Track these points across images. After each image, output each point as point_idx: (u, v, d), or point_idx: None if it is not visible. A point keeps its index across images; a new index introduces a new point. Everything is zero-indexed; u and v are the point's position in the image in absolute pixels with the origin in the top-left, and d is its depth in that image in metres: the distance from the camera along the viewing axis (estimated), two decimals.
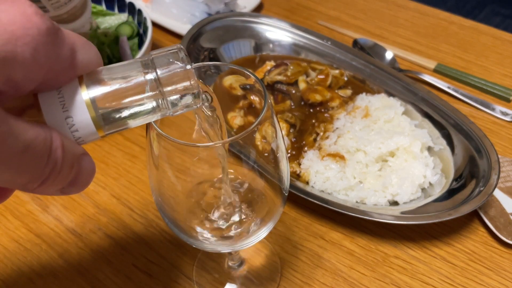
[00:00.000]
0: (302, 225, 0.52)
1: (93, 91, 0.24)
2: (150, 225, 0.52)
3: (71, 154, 0.23)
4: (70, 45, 0.23)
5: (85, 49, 0.24)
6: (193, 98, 0.26)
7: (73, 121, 0.23)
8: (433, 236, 0.51)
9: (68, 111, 0.23)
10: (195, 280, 0.47)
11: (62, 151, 0.23)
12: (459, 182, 0.52)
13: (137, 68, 0.25)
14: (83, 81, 0.24)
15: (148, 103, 0.25)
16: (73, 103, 0.23)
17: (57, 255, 0.50)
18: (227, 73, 0.40)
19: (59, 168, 0.23)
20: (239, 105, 0.55)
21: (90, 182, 0.26)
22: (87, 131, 0.24)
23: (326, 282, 0.47)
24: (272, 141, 0.34)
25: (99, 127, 0.24)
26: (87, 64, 0.24)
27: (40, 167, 0.22)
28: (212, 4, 0.78)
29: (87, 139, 0.25)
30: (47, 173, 0.22)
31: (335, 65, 0.68)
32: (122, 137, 0.62)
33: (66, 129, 0.24)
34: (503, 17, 2.04)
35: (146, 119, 0.26)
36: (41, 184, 0.22)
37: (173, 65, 0.25)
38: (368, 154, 0.54)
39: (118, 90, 0.24)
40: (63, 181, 0.24)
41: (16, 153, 0.20)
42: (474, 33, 0.81)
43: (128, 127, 0.26)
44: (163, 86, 0.25)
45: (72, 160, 0.24)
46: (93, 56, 0.25)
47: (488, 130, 0.63)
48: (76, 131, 0.24)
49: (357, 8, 0.87)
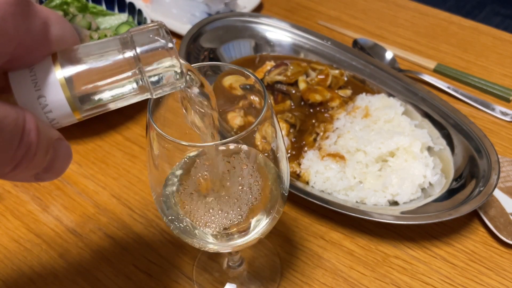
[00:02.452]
0: (302, 225, 0.52)
1: (68, 70, 0.22)
2: (150, 225, 0.52)
3: (46, 138, 0.22)
4: (42, 18, 0.21)
5: (59, 25, 0.22)
6: (176, 78, 0.25)
7: (46, 101, 0.22)
8: (433, 236, 0.51)
9: (41, 90, 0.22)
10: (195, 280, 0.47)
11: (37, 134, 0.21)
12: (459, 182, 0.52)
13: (115, 46, 0.23)
14: (57, 59, 0.22)
15: (127, 83, 0.24)
16: (46, 82, 0.22)
17: (57, 255, 0.50)
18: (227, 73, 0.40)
19: (33, 152, 0.21)
20: (239, 105, 0.55)
21: (66, 168, 0.24)
22: (61, 113, 0.23)
23: (326, 282, 0.47)
24: (272, 141, 0.34)
25: (74, 109, 0.23)
26: (62, 40, 0.22)
27: (11, 150, 0.20)
28: (212, 4, 0.78)
29: (62, 121, 0.23)
30: (19, 157, 0.21)
31: (335, 65, 0.68)
32: (122, 137, 0.62)
33: (38, 109, 0.22)
34: (503, 17, 2.04)
35: (125, 100, 0.24)
36: (13, 169, 0.21)
37: (154, 43, 0.23)
38: (368, 154, 0.54)
39: (94, 69, 0.23)
40: (37, 166, 0.22)
41: None
42: (474, 33, 0.81)
43: (107, 109, 0.24)
44: (143, 65, 0.23)
45: (47, 145, 0.22)
46: (68, 32, 0.23)
47: (488, 130, 0.63)
48: (50, 112, 0.22)
49: (357, 8, 0.87)
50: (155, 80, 0.24)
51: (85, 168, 0.58)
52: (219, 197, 0.34)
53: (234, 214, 0.33)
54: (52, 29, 0.22)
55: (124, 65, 0.23)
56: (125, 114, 0.65)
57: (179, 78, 0.25)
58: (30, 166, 0.21)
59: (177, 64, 0.24)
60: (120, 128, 0.63)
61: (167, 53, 0.24)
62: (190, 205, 0.34)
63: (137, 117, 0.65)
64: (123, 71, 0.23)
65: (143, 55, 0.23)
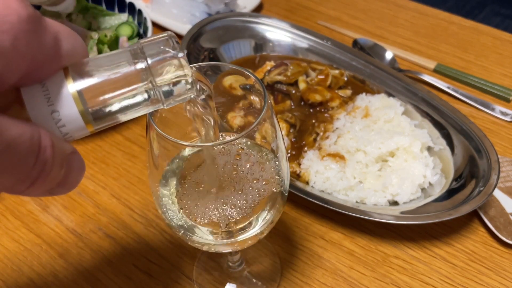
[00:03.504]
0: (302, 225, 0.52)
1: (80, 83, 0.22)
2: (150, 225, 0.52)
3: (61, 153, 0.22)
4: (53, 33, 0.21)
5: (70, 39, 0.22)
6: (187, 88, 0.24)
7: (59, 116, 0.22)
8: (433, 236, 0.51)
9: (54, 105, 0.22)
10: (195, 280, 0.48)
11: (52, 151, 0.21)
12: (459, 182, 0.52)
13: (126, 58, 0.23)
14: (69, 73, 0.22)
15: (139, 94, 0.24)
16: (59, 96, 0.22)
17: (57, 255, 0.50)
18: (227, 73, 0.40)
19: (49, 169, 0.21)
20: (239, 105, 0.55)
21: (80, 181, 0.24)
22: (75, 126, 0.22)
23: (326, 282, 0.47)
24: (272, 141, 0.34)
25: (87, 122, 0.23)
26: (72, 54, 0.22)
27: (28, 168, 0.20)
28: (212, 4, 0.78)
29: (75, 135, 0.23)
30: (36, 175, 0.20)
31: (335, 65, 0.68)
32: (122, 137, 0.62)
33: (52, 124, 0.22)
34: (503, 17, 2.05)
35: (137, 112, 0.24)
36: (30, 186, 0.21)
37: (164, 53, 0.23)
38: (368, 154, 0.54)
39: (106, 82, 0.23)
40: (52, 182, 0.22)
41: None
42: (474, 33, 0.81)
43: (118, 121, 0.24)
44: (154, 76, 0.23)
45: (61, 160, 0.22)
46: (79, 46, 0.23)
47: (488, 130, 0.63)
48: (63, 126, 0.22)
49: (357, 8, 0.87)
50: (166, 90, 0.24)
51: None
52: (219, 196, 0.34)
53: (234, 214, 0.33)
54: (63, 43, 0.22)
55: (136, 77, 0.23)
56: None
57: (190, 88, 0.25)
58: (46, 183, 0.21)
59: (189, 74, 0.24)
60: (120, 128, 0.63)
61: (178, 63, 0.24)
62: (190, 204, 0.34)
63: (137, 117, 0.65)
64: (135, 83, 0.23)
65: (154, 67, 0.23)
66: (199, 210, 0.34)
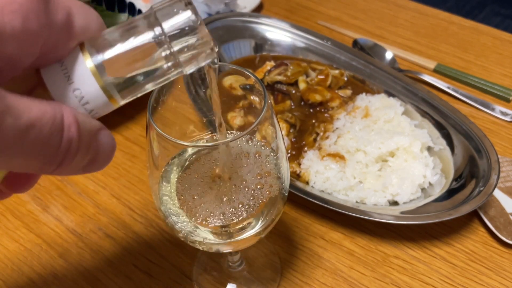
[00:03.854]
0: (302, 225, 0.52)
1: (97, 58, 0.22)
2: (150, 225, 0.52)
3: (88, 130, 0.21)
4: (65, 9, 0.20)
5: (83, 13, 0.21)
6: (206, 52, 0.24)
7: (81, 93, 0.21)
8: (433, 236, 0.51)
9: (74, 83, 0.21)
10: (195, 280, 0.48)
11: (77, 128, 0.20)
12: (459, 182, 0.52)
13: (141, 26, 0.22)
14: (85, 48, 0.22)
15: (158, 62, 0.23)
16: (78, 73, 0.21)
17: (57, 255, 0.50)
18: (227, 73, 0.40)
19: (75, 147, 0.20)
20: (239, 105, 0.55)
21: (112, 157, 0.23)
22: (98, 102, 0.22)
23: (326, 282, 0.47)
24: (272, 141, 0.34)
25: (110, 96, 0.22)
26: (87, 28, 0.22)
27: (53, 148, 0.19)
28: (212, 4, 0.78)
29: (101, 111, 0.23)
30: (63, 154, 0.20)
31: (335, 65, 0.68)
32: (122, 137, 0.62)
33: (75, 102, 0.22)
34: (503, 17, 2.04)
35: (159, 81, 0.24)
36: (58, 166, 0.20)
37: (179, 17, 0.22)
38: (368, 154, 0.54)
39: (123, 53, 0.22)
40: (82, 160, 0.21)
41: (18, 135, 0.18)
42: (474, 33, 0.81)
43: (142, 92, 0.24)
44: (170, 41, 0.22)
45: (89, 137, 0.21)
46: (93, 19, 0.22)
47: (488, 130, 0.63)
48: (87, 103, 0.22)
49: (357, 8, 0.87)
50: (185, 55, 0.23)
51: None
52: (219, 196, 0.34)
53: (234, 213, 0.33)
54: (76, 19, 0.21)
55: (152, 44, 0.23)
56: (125, 114, 0.65)
57: (210, 52, 0.24)
58: (75, 161, 0.21)
59: (206, 35, 0.23)
60: (120, 128, 0.63)
61: (195, 25, 0.23)
62: (190, 204, 0.34)
63: (137, 117, 0.65)
64: (152, 51, 0.23)
65: (170, 32, 0.22)
66: (199, 210, 0.34)
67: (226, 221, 0.34)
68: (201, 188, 0.35)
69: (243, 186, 0.34)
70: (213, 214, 0.33)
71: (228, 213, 0.33)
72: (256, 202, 0.34)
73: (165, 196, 0.35)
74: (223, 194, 0.34)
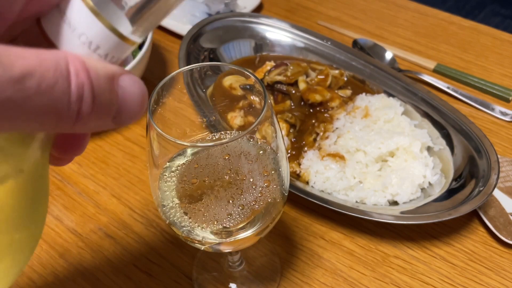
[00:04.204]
0: (302, 225, 0.52)
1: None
2: (150, 225, 0.52)
3: (104, 75, 0.18)
4: None
5: None
6: None
7: (88, 38, 0.19)
8: (433, 236, 0.51)
9: (77, 28, 0.19)
10: (195, 280, 0.48)
11: (87, 74, 0.18)
12: (459, 182, 0.52)
13: None
14: None
15: None
16: (78, 17, 0.19)
17: (57, 255, 0.50)
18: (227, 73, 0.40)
19: (90, 96, 0.18)
20: (239, 105, 0.55)
21: (143, 105, 0.21)
22: (110, 44, 0.20)
23: (326, 282, 0.47)
24: (272, 141, 0.34)
25: (120, 35, 0.20)
26: None
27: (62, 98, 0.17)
28: (212, 5, 0.78)
29: (117, 54, 0.20)
30: (77, 104, 0.17)
31: (335, 65, 0.68)
32: (122, 137, 0.62)
33: (85, 49, 0.20)
34: (503, 17, 2.05)
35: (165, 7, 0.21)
36: (77, 120, 0.18)
37: None
38: (368, 154, 0.54)
39: None
40: (106, 110, 0.19)
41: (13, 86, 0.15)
42: (474, 33, 0.81)
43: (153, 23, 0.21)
44: None
45: (105, 83, 0.19)
46: None
47: (488, 130, 0.63)
48: (98, 48, 0.20)
49: (357, 8, 0.87)
50: None
51: (85, 168, 0.58)
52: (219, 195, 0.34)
53: (234, 213, 0.34)
54: None
55: None
56: None
57: None
58: (97, 112, 0.18)
59: None
60: (120, 128, 0.63)
61: None
62: (190, 204, 0.34)
63: None
64: None
65: None
66: (199, 210, 0.34)
67: (225, 220, 0.34)
68: (201, 188, 0.35)
69: (243, 186, 0.34)
70: (213, 214, 0.33)
71: (228, 213, 0.33)
72: (256, 202, 0.34)
73: (165, 196, 0.35)
74: (222, 194, 0.34)
